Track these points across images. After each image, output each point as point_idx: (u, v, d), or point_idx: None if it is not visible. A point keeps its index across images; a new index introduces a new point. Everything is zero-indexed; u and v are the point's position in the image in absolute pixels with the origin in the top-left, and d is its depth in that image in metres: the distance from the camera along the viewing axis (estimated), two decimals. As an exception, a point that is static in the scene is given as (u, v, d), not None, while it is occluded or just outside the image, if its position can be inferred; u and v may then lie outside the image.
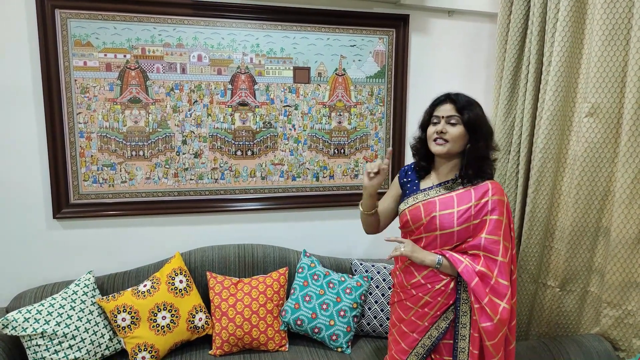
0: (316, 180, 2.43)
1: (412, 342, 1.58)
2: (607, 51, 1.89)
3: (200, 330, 2.07)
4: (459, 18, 2.49)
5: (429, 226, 1.55)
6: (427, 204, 1.57)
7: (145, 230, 2.26)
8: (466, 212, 1.51)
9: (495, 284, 1.45)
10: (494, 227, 1.48)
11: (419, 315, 1.57)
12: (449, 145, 1.54)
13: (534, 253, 2.19)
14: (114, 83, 2.12)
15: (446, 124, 1.54)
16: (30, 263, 2.13)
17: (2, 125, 2.03)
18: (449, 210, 1.53)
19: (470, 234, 1.51)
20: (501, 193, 1.53)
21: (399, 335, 1.62)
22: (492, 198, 1.50)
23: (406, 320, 1.60)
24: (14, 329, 1.77)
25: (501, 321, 1.44)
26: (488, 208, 1.49)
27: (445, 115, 1.55)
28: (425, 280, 1.55)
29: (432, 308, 1.54)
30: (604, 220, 2.03)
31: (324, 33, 2.32)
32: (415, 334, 1.57)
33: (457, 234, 1.51)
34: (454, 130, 1.53)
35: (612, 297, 1.98)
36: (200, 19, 2.16)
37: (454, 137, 1.53)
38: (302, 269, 2.24)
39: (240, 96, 2.27)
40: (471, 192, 1.53)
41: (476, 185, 1.54)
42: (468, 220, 1.50)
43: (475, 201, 1.51)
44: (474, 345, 1.50)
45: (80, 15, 2.04)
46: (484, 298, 1.44)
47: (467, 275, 1.45)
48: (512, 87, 2.31)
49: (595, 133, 1.95)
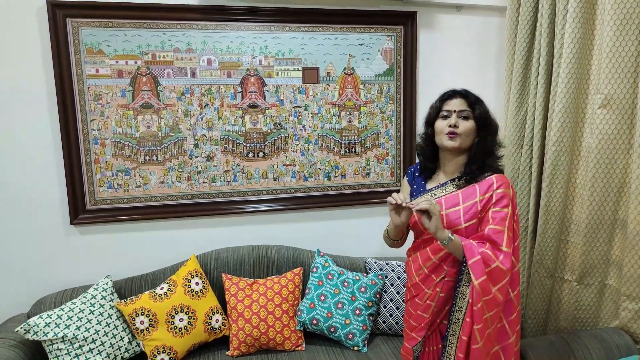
0: (328, 180, 2.44)
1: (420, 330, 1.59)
2: (619, 41, 1.86)
3: (217, 332, 2.09)
4: (467, 13, 2.47)
5: None
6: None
7: (160, 234, 2.28)
8: (472, 207, 1.51)
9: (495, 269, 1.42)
10: (500, 219, 1.47)
11: (424, 309, 1.58)
12: (460, 140, 1.53)
13: (550, 247, 2.17)
14: (126, 89, 2.15)
15: (458, 118, 1.54)
16: (49, 269, 2.17)
17: (19, 135, 2.06)
18: (455, 208, 1.53)
19: (477, 229, 1.51)
20: (506, 185, 1.52)
21: (408, 329, 1.65)
22: (496, 191, 1.50)
23: (414, 315, 1.62)
24: (36, 334, 1.81)
25: (488, 303, 1.40)
26: (492, 200, 1.49)
27: (457, 110, 1.54)
28: (429, 271, 1.56)
29: (433, 299, 1.55)
30: (621, 212, 2.01)
31: (332, 33, 2.32)
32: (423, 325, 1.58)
33: (466, 230, 1.51)
34: (466, 124, 1.53)
35: (631, 290, 1.95)
36: (209, 23, 2.18)
37: (466, 131, 1.53)
38: (316, 268, 2.24)
39: (250, 98, 2.28)
40: (476, 187, 1.52)
41: (481, 180, 1.53)
42: (475, 215, 1.50)
43: (481, 196, 1.50)
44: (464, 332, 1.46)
45: (91, 24, 2.07)
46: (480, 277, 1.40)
47: (469, 251, 1.43)
48: (523, 80, 2.29)
49: (609, 125, 1.93)
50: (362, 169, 2.47)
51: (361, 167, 2.46)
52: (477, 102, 1.55)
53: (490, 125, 1.55)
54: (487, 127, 1.55)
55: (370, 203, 2.49)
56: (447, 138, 1.54)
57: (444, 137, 1.56)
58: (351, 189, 2.47)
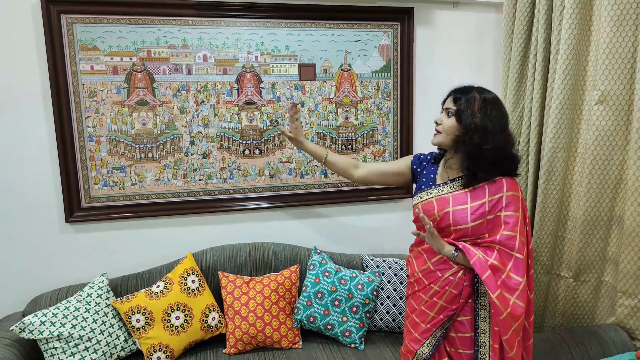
0: (325, 177, 2.43)
1: (424, 332, 1.58)
2: (616, 37, 1.86)
3: (214, 330, 2.09)
4: (464, 9, 2.46)
5: (443, 222, 1.54)
6: (440, 200, 1.56)
7: (156, 232, 2.27)
8: (480, 207, 1.50)
9: (507, 279, 1.45)
10: (512, 224, 1.47)
11: (428, 305, 1.58)
12: (441, 137, 1.55)
13: (547, 244, 2.17)
14: (121, 86, 2.13)
15: (445, 115, 1.56)
16: (44, 267, 2.16)
17: (13, 132, 2.05)
18: (463, 206, 1.52)
19: (485, 230, 1.50)
20: (516, 189, 1.51)
21: (411, 326, 1.64)
22: (506, 194, 1.49)
23: (417, 311, 1.61)
24: (31, 332, 1.80)
25: (511, 315, 1.42)
26: (502, 204, 1.48)
27: (445, 107, 1.57)
28: (435, 266, 1.57)
29: (441, 297, 1.55)
30: (617, 208, 2.01)
31: (329, 29, 2.31)
32: (426, 325, 1.57)
33: (472, 229, 1.51)
34: (447, 121, 1.54)
35: (627, 287, 1.96)
36: (205, 19, 2.17)
37: (445, 129, 1.54)
38: (313, 266, 2.24)
39: (246, 95, 2.27)
40: (485, 188, 1.51)
41: (491, 182, 1.52)
42: (482, 216, 1.49)
43: (490, 197, 1.50)
44: (495, 340, 1.50)
45: (86, 20, 2.05)
46: (495, 291, 1.43)
47: (479, 267, 1.44)
48: (520, 77, 2.28)
49: (605, 121, 1.93)
50: (359, 166, 2.46)
51: (358, 164, 2.46)
52: (464, 99, 1.50)
53: (470, 124, 1.47)
54: (468, 125, 1.48)
55: (367, 200, 2.49)
56: (434, 135, 1.57)
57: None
58: (348, 186, 2.46)
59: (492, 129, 1.47)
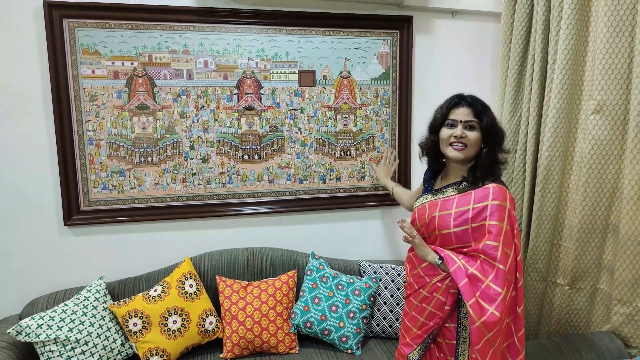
0: (323, 182, 2.44)
1: (415, 338, 1.59)
2: (612, 48, 1.89)
3: (211, 334, 2.09)
4: (463, 18, 2.49)
5: (430, 226, 1.57)
6: (431, 204, 1.59)
7: (154, 236, 2.27)
8: (463, 214, 1.49)
9: (486, 288, 1.40)
10: (495, 234, 1.43)
11: (418, 310, 1.59)
12: (467, 151, 1.53)
13: (543, 251, 2.19)
14: (122, 90, 2.14)
15: (464, 128, 1.52)
16: (42, 270, 2.16)
17: (14, 134, 2.05)
18: (447, 212, 1.53)
19: (470, 237, 1.48)
20: (503, 198, 1.46)
21: (404, 330, 1.66)
22: (491, 202, 1.45)
23: (409, 315, 1.63)
24: (28, 336, 1.79)
25: (484, 324, 1.36)
26: (487, 213, 1.45)
27: (463, 120, 1.53)
28: (423, 272, 1.59)
29: (429, 303, 1.55)
30: (613, 217, 2.03)
31: (329, 36, 2.33)
32: (417, 330, 1.58)
33: (455, 235, 1.50)
34: (472, 135, 1.52)
35: (623, 294, 1.97)
36: (206, 25, 2.18)
37: (472, 142, 1.52)
38: (310, 271, 2.25)
39: (246, 100, 2.28)
40: (471, 195, 1.50)
41: (479, 187, 1.51)
42: (465, 222, 1.48)
43: (474, 204, 1.48)
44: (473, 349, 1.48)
45: (88, 25, 2.06)
46: (470, 299, 1.39)
47: (457, 275, 1.42)
48: (517, 86, 2.31)
49: (601, 130, 1.95)
50: (357, 172, 2.47)
51: (356, 170, 2.47)
52: (484, 111, 1.53)
53: (496, 134, 1.53)
54: (493, 136, 1.52)
55: (365, 206, 2.50)
56: (452, 149, 1.54)
57: (448, 147, 1.55)
58: (346, 192, 2.47)
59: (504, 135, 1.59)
